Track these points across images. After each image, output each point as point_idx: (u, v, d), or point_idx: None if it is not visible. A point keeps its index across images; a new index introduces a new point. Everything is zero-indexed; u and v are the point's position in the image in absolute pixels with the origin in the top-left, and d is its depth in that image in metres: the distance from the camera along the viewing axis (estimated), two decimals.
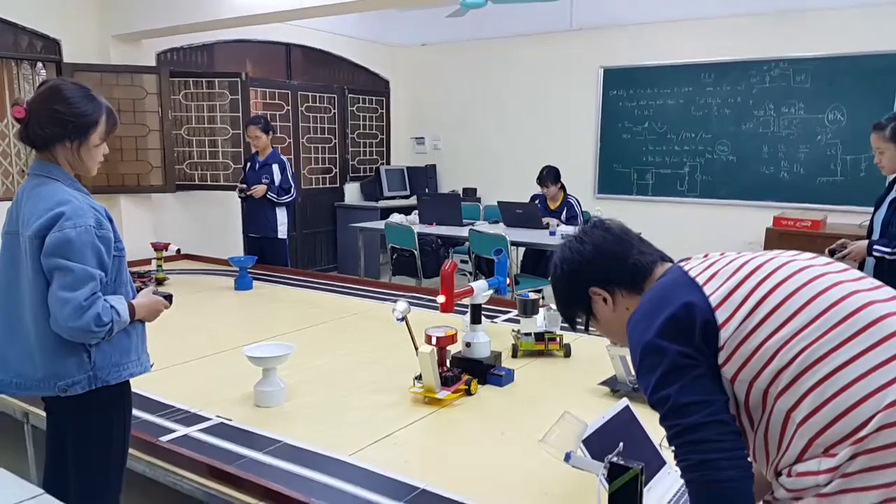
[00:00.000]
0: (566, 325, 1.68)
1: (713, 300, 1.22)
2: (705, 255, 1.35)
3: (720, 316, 1.20)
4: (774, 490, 1.18)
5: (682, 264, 1.36)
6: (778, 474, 1.18)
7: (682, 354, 1.20)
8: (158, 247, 4.96)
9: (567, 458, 1.67)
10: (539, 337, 3.24)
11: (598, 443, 1.88)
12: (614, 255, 1.44)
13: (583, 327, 1.55)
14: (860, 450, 1.07)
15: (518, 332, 3.30)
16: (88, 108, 1.92)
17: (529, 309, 3.24)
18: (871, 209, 3.58)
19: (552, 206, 6.27)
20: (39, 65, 5.69)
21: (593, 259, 1.45)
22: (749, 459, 1.20)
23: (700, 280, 1.26)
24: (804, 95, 6.48)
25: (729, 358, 1.19)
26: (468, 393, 2.78)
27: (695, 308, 1.22)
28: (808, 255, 1.28)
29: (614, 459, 1.56)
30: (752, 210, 6.69)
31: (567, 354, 3.26)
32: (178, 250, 4.98)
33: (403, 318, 2.73)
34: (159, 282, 4.78)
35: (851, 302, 1.15)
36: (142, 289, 2.09)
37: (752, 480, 1.16)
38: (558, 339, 3.26)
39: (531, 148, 7.85)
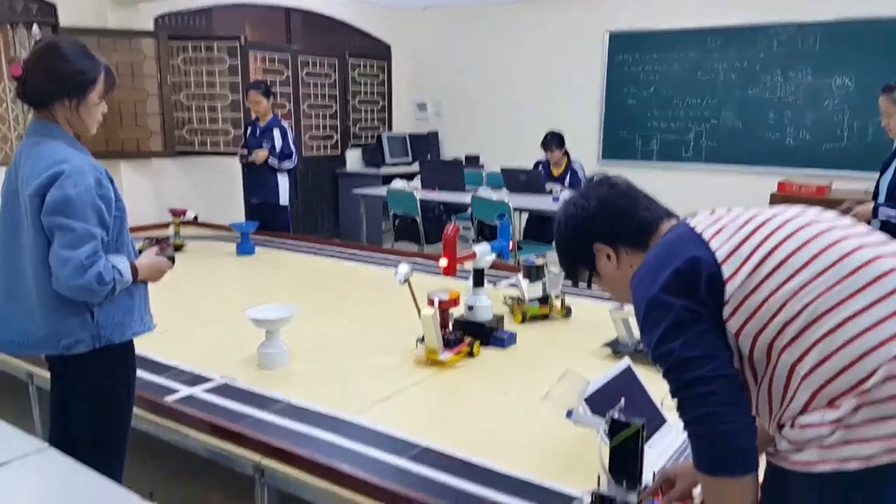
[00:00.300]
0: (567, 282, 1.67)
1: (719, 255, 1.21)
2: (711, 212, 1.34)
3: (726, 270, 1.19)
4: (777, 443, 1.18)
5: (687, 220, 1.34)
6: (780, 427, 1.18)
7: (686, 309, 1.19)
8: (177, 212, 4.91)
9: (569, 414, 1.68)
10: (543, 301, 3.25)
11: (599, 401, 1.89)
12: (619, 211, 1.42)
13: (586, 284, 1.54)
14: (864, 401, 1.07)
15: (513, 299, 3.30)
16: (86, 66, 1.90)
17: (534, 274, 3.24)
18: (877, 175, 3.56)
19: (556, 171, 6.22)
20: (35, 28, 5.62)
21: (598, 214, 1.43)
22: (752, 414, 1.21)
23: (706, 235, 1.25)
24: (812, 60, 6.40)
25: (734, 312, 1.19)
26: (471, 355, 2.79)
27: (700, 262, 1.21)
28: (816, 209, 1.27)
29: (615, 416, 1.55)
30: (757, 176, 6.65)
31: (567, 315, 3.27)
32: (196, 217, 4.94)
33: (406, 281, 2.73)
34: (177, 248, 4.77)
35: (859, 256, 1.14)
36: (143, 250, 2.08)
37: (755, 434, 1.16)
38: (560, 300, 3.27)
39: (535, 114, 7.78)
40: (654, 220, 1.41)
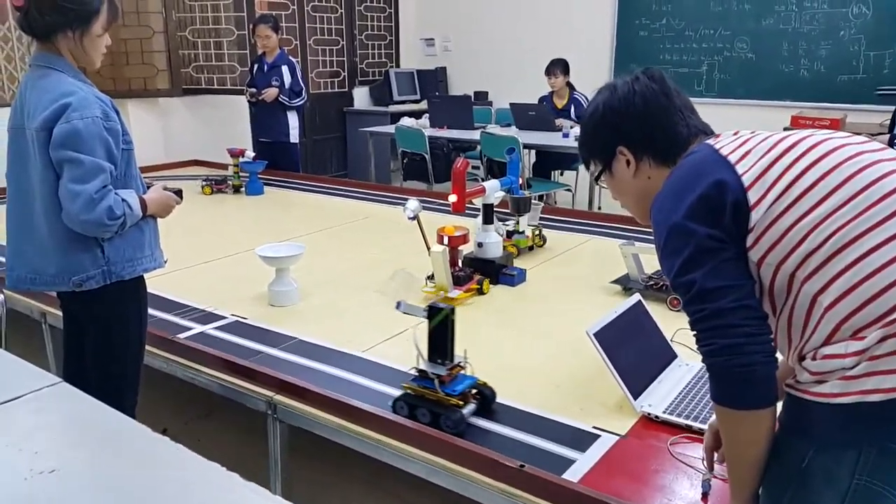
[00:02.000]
0: (572, 222, 1.64)
1: (746, 179, 1.16)
2: (735, 133, 1.28)
3: (752, 196, 1.15)
4: (797, 374, 1.17)
5: (711, 142, 1.28)
6: (801, 359, 1.16)
7: (710, 237, 1.16)
8: (235, 153, 4.86)
9: (398, 305, 1.90)
10: (520, 233, 3.29)
11: (610, 335, 1.89)
12: (660, 123, 1.33)
13: (594, 178, 1.47)
14: (890, 332, 1.05)
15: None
16: None
17: (523, 207, 3.23)
18: (893, 108, 3.49)
19: (559, 104, 6.14)
20: None
21: (638, 118, 1.34)
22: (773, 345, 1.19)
23: (732, 158, 1.20)
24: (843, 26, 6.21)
25: (757, 240, 1.15)
26: (480, 292, 2.79)
27: (726, 187, 1.16)
28: (843, 133, 1.23)
29: (432, 304, 1.82)
30: (770, 110, 6.53)
31: (543, 244, 3.39)
32: (254, 157, 4.90)
33: (415, 217, 2.72)
34: (236, 189, 4.80)
35: (889, 181, 1.11)
36: (152, 185, 2.08)
37: (776, 365, 1.14)
38: (538, 230, 3.39)
39: (545, 48, 7.58)
40: (688, 138, 1.33)
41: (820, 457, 1.12)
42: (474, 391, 1.89)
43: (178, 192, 2.10)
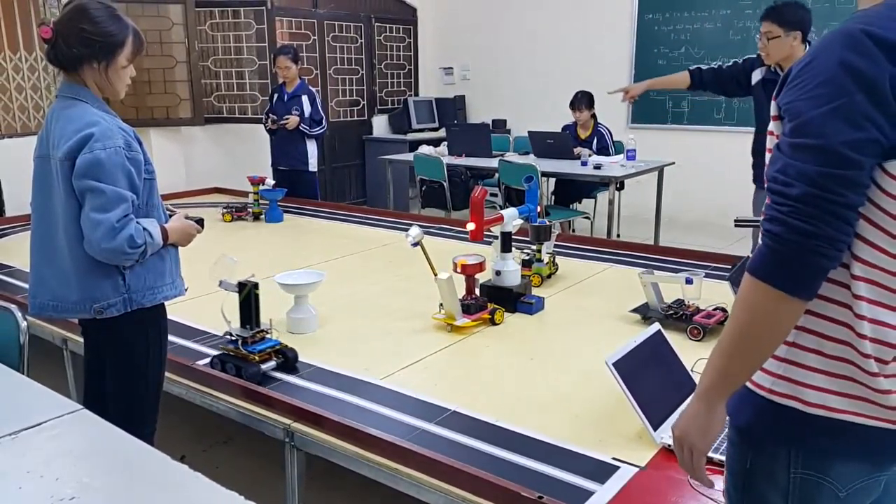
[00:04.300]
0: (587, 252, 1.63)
1: None
2: None
3: None
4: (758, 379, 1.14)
5: None
6: None
7: (879, 128, 0.96)
8: (255, 181, 4.93)
9: (220, 283, 2.32)
10: (539, 261, 3.28)
11: (629, 365, 1.88)
12: None
13: None
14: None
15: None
16: (114, 28, 1.90)
17: (543, 235, 3.23)
18: None
19: (583, 135, 6.14)
20: None
21: None
22: None
23: None
24: (848, 16, 6.19)
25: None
26: (493, 322, 2.76)
27: None
28: None
29: (241, 280, 2.34)
30: None
31: (555, 271, 3.37)
32: (274, 185, 4.98)
33: (417, 244, 2.71)
34: (256, 216, 4.88)
35: None
36: (174, 213, 2.10)
37: None
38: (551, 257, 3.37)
39: (562, 77, 7.66)
40: None
41: (759, 458, 1.12)
42: (276, 351, 2.33)
43: (200, 222, 2.12)
